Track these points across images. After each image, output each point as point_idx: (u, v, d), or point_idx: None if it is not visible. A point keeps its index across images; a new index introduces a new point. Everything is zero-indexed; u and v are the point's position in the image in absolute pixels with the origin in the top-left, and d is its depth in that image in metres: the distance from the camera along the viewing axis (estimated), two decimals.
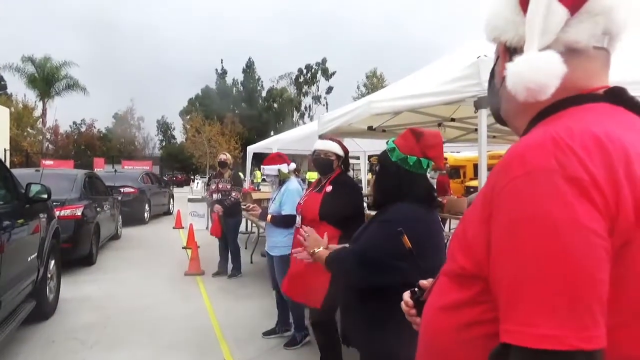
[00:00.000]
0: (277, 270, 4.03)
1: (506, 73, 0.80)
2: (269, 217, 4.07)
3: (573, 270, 0.61)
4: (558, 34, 0.76)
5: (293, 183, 4.19)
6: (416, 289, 1.17)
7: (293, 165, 4.35)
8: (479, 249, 0.72)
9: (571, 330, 0.60)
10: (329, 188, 3.33)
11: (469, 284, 0.76)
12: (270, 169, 4.25)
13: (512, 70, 0.78)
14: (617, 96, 0.77)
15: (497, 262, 0.68)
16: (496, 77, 0.93)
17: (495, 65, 0.93)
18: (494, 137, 6.03)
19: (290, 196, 4.00)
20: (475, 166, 12.02)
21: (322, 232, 3.14)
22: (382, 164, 2.05)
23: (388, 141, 2.05)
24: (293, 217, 3.67)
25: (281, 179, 4.22)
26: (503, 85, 0.86)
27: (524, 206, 0.65)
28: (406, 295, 1.19)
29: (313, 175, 4.22)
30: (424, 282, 1.17)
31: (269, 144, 11.30)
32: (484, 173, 3.19)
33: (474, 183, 16.24)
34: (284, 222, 3.94)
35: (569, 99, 0.78)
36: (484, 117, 3.10)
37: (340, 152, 3.40)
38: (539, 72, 0.74)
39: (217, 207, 6.45)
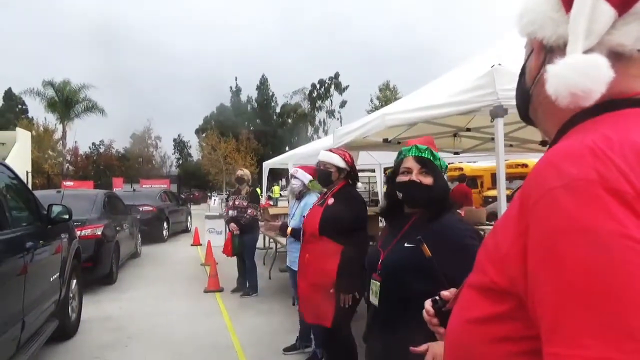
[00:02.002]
0: None
1: (546, 75, 0.75)
2: (289, 229, 4.05)
3: (625, 285, 0.56)
4: (603, 36, 0.71)
5: (313, 197, 4.16)
6: (437, 298, 1.15)
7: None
8: (513, 265, 0.68)
9: (625, 352, 0.54)
10: (330, 201, 3.23)
11: (501, 299, 0.71)
12: (303, 176, 4.22)
13: (555, 74, 0.72)
14: None
15: (536, 280, 0.63)
16: (527, 75, 0.87)
17: (526, 61, 0.88)
18: (511, 145, 5.96)
19: None
20: (493, 176, 11.92)
21: (322, 247, 3.09)
22: (435, 172, 1.89)
23: (416, 148, 1.92)
24: None
25: (303, 192, 4.24)
26: (536, 84, 0.82)
27: (564, 219, 0.60)
28: (427, 304, 1.16)
29: (316, 186, 4.24)
30: (445, 293, 1.14)
31: (284, 159, 11.35)
32: (502, 182, 3.16)
33: (491, 193, 16.05)
34: None
35: (605, 104, 0.73)
36: (501, 126, 3.08)
37: (341, 164, 3.28)
38: (586, 77, 0.69)
39: (232, 226, 6.46)
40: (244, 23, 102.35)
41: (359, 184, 3.45)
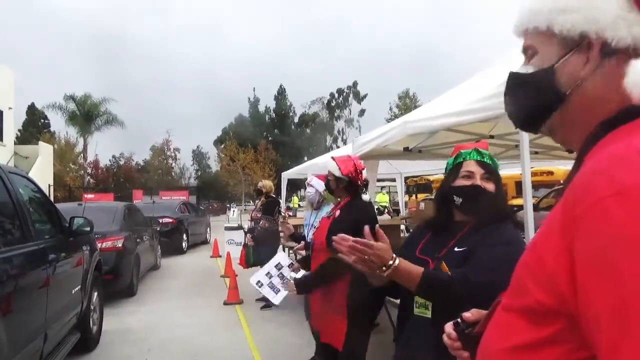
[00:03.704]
0: None
1: (629, 77, 0.70)
2: (300, 245, 3.89)
3: None
4: None
5: (331, 208, 4.12)
6: (459, 321, 1.10)
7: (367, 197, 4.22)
8: (562, 282, 0.63)
9: None
10: (337, 213, 3.13)
11: (549, 321, 0.67)
12: (318, 184, 4.11)
13: None
14: None
15: (588, 296, 0.59)
16: (563, 77, 0.80)
17: (561, 62, 0.80)
18: (536, 152, 5.87)
19: None
20: (517, 184, 11.72)
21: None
22: (496, 178, 1.80)
23: (478, 151, 1.83)
24: None
25: (321, 202, 4.15)
26: (578, 87, 0.78)
27: (618, 230, 0.56)
28: (449, 327, 1.11)
29: (330, 196, 4.17)
30: (467, 315, 1.09)
31: (303, 170, 11.39)
32: (529, 191, 3.11)
33: (516, 202, 15.78)
34: None
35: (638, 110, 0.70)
36: (526, 133, 3.04)
37: (337, 173, 3.09)
38: None
39: (247, 238, 6.53)
40: (261, 33, 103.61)
41: (365, 196, 3.20)
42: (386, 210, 16.25)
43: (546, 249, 0.68)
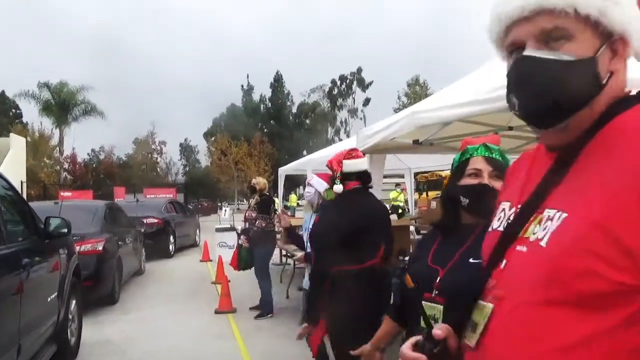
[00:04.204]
0: None
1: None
2: (299, 255, 3.91)
3: None
4: None
5: None
6: (424, 340, 1.05)
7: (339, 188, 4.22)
8: None
9: None
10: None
11: (628, 301, 0.74)
12: (318, 184, 4.04)
13: None
14: None
15: None
16: (602, 69, 0.88)
17: (600, 52, 0.88)
18: None
19: None
20: None
21: None
22: None
23: (486, 147, 1.85)
24: None
25: (320, 203, 4.07)
26: (612, 77, 0.89)
27: None
28: (406, 349, 1.06)
29: (332, 196, 4.14)
30: (438, 332, 1.04)
31: (302, 165, 11.39)
32: None
33: None
34: None
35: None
36: None
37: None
38: None
39: (242, 239, 6.53)
40: (256, 13, 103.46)
41: (336, 186, 3.20)
42: (400, 210, 16.01)
43: (624, 226, 0.74)
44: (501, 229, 1.03)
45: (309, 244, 3.96)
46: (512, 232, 0.97)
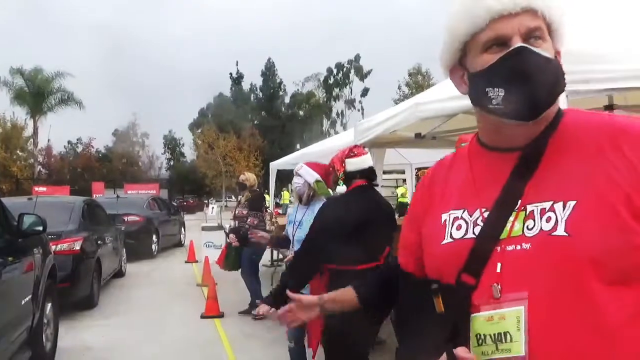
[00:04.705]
0: None
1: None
2: (289, 255, 3.89)
3: None
4: None
5: None
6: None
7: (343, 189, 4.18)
8: None
9: None
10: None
11: None
12: (307, 174, 4.00)
13: None
14: None
15: None
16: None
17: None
18: None
19: None
20: None
21: None
22: None
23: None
24: None
25: (310, 195, 4.03)
26: None
27: None
28: None
29: (323, 189, 4.13)
30: (463, 355, 0.97)
31: (295, 159, 11.38)
32: None
33: None
34: None
35: None
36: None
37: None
38: None
39: (231, 237, 6.46)
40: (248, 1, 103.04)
41: (339, 187, 3.36)
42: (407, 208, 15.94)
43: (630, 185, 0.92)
44: (471, 236, 1.05)
45: (292, 236, 3.98)
46: (493, 236, 1.01)
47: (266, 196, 11.48)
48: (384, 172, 8.19)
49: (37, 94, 36.73)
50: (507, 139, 1.08)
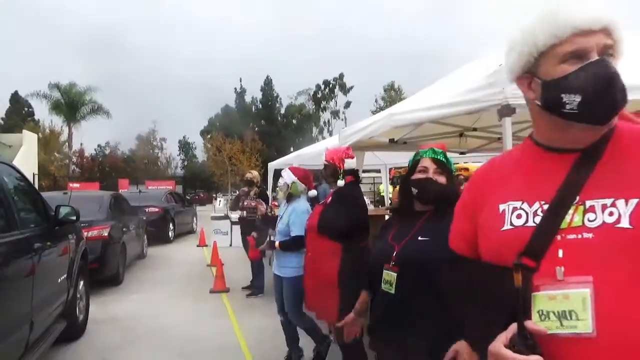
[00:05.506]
0: (286, 293, 3.83)
1: None
2: (277, 244, 3.87)
3: None
4: None
5: (302, 204, 3.96)
6: (514, 336, 0.91)
7: (313, 193, 4.18)
8: None
9: None
10: (329, 199, 3.42)
11: None
12: (287, 176, 3.99)
13: None
14: None
15: None
16: None
17: None
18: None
19: (300, 216, 3.78)
20: None
21: (322, 245, 3.23)
22: (448, 173, 2.09)
23: (433, 150, 2.12)
24: (302, 239, 3.57)
25: (290, 194, 3.99)
26: None
27: None
28: (503, 350, 0.91)
29: (296, 189, 4.06)
30: (534, 326, 0.91)
31: (289, 160, 11.35)
32: None
33: None
34: (294, 244, 3.75)
35: None
36: (509, 125, 3.06)
37: (322, 159, 3.55)
38: None
39: (253, 234, 6.09)
40: (248, 23, 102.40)
41: (340, 182, 3.43)
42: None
43: None
44: (532, 224, 0.99)
45: (278, 226, 4.02)
46: (554, 224, 0.95)
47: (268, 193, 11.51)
48: (363, 171, 8.19)
49: (71, 105, 36.26)
50: (571, 141, 1.02)
